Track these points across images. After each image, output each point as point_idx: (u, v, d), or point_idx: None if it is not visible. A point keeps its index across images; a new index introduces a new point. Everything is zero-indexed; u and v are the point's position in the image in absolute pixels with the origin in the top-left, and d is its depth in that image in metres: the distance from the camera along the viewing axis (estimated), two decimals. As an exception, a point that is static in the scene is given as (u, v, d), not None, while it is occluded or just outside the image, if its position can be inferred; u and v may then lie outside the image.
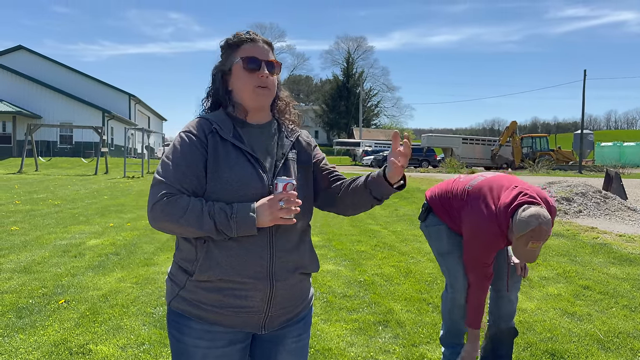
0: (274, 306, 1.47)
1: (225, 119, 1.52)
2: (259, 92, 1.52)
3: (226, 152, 1.45)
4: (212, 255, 1.42)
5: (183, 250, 1.48)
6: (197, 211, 1.36)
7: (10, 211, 8.86)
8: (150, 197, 1.40)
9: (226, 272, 1.42)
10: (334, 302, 4.02)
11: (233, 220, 1.36)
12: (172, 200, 1.37)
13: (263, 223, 1.39)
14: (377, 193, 1.52)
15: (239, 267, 1.42)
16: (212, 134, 1.47)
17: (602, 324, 3.67)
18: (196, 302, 1.45)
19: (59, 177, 18.03)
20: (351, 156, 44.98)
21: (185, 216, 1.35)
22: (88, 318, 3.60)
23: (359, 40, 75.39)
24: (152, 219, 1.39)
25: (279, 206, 1.38)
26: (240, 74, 1.51)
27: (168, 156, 1.46)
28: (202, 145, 1.45)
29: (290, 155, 1.57)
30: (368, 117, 70.87)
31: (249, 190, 1.43)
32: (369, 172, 1.60)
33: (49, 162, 25.28)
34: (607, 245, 6.43)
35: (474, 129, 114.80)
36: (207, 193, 1.44)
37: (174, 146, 1.47)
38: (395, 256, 5.69)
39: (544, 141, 33.45)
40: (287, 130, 1.62)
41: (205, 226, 1.35)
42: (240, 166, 1.45)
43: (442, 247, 2.85)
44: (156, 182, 1.42)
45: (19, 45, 35.30)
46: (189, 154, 1.43)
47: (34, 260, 5.22)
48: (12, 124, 30.59)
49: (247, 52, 1.52)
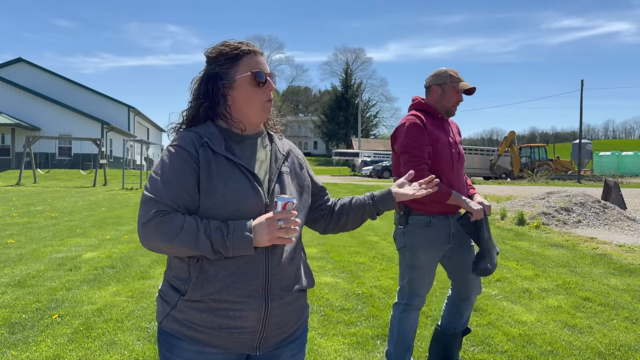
0: (269, 326, 1.42)
1: (214, 132, 1.47)
2: (266, 107, 1.49)
3: (219, 166, 1.40)
4: (205, 274, 1.37)
5: (174, 268, 1.43)
6: (193, 230, 1.30)
7: (7, 224, 8.81)
8: (140, 215, 1.34)
9: (220, 291, 1.36)
10: (332, 316, 3.97)
11: (229, 240, 1.31)
12: (166, 219, 1.31)
13: (260, 243, 1.34)
14: (382, 209, 1.67)
15: (234, 286, 1.37)
16: (204, 148, 1.41)
17: (603, 337, 3.62)
18: (188, 323, 1.39)
19: (57, 189, 17.98)
20: (350, 166, 44.98)
21: (180, 236, 1.29)
22: (82, 333, 3.54)
23: (357, 52, 75.92)
24: (143, 238, 1.33)
25: (277, 226, 1.33)
26: (247, 88, 1.46)
27: (157, 171, 1.39)
28: (193, 160, 1.39)
29: (284, 169, 1.54)
30: (367, 127, 71.05)
31: (245, 205, 1.39)
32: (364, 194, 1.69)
33: (48, 174, 25.23)
34: (607, 255, 6.39)
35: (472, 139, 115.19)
36: (200, 210, 1.38)
37: (162, 161, 1.42)
38: (394, 268, 5.64)
39: (542, 151, 33.49)
40: (278, 142, 1.60)
41: (201, 246, 1.30)
42: (234, 180, 1.40)
43: (417, 260, 2.73)
44: (146, 199, 1.35)
45: (18, 57, 35.44)
46: (180, 168, 1.38)
47: (28, 274, 5.17)
48: (10, 136, 30.61)
49: (253, 65, 1.47)
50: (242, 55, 1.48)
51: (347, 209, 1.69)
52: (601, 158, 38.48)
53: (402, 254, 2.81)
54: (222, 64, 1.48)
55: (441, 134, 2.75)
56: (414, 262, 2.74)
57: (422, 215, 2.70)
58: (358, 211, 1.68)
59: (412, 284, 2.76)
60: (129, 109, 38.47)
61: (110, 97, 37.78)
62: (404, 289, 2.80)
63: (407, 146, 2.65)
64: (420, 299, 2.79)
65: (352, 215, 1.69)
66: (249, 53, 1.48)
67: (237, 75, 1.47)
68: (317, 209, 1.71)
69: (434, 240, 2.73)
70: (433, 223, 2.70)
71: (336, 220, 1.71)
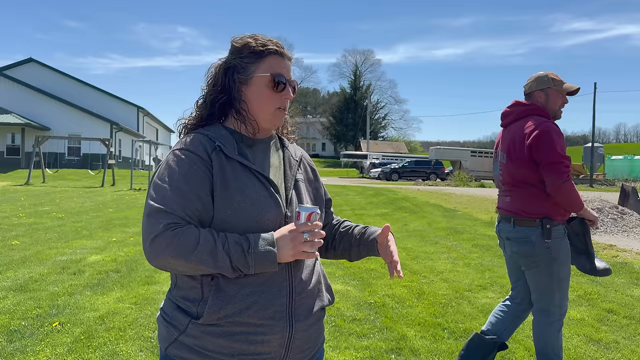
0: (292, 350, 1.27)
1: (226, 134, 1.31)
2: (278, 114, 1.33)
3: (234, 173, 1.24)
4: (223, 294, 1.20)
5: (183, 288, 1.26)
6: (210, 245, 1.14)
7: (13, 224, 8.72)
8: (147, 228, 1.16)
9: (240, 313, 1.20)
10: (343, 327, 3.79)
11: (251, 255, 1.15)
12: (179, 232, 1.14)
13: (284, 258, 1.19)
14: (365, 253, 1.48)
15: (256, 307, 1.21)
16: (216, 152, 1.25)
17: (631, 353, 3.41)
18: (201, 349, 1.22)
19: (65, 189, 17.95)
20: (358, 168, 44.77)
21: (196, 252, 1.12)
22: (82, 343, 3.39)
23: (366, 53, 75.70)
24: (153, 255, 1.15)
25: (302, 239, 1.18)
26: (264, 90, 1.31)
27: (163, 178, 1.21)
28: (205, 165, 1.23)
29: (299, 176, 1.40)
30: (375, 129, 70.78)
31: (264, 216, 1.24)
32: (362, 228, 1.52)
33: (56, 173, 25.28)
34: (627, 264, 6.15)
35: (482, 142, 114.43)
36: (214, 222, 1.22)
37: (169, 167, 1.24)
38: (406, 275, 5.44)
39: (553, 154, 33.01)
40: (290, 147, 1.45)
41: (220, 263, 1.14)
42: (252, 188, 1.24)
43: (565, 272, 2.67)
44: (153, 210, 1.17)
45: (29, 57, 35.66)
46: (191, 175, 1.21)
47: (31, 278, 5.04)
48: (20, 136, 30.76)
49: (275, 67, 1.32)
50: (268, 54, 1.32)
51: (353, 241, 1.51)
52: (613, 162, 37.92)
53: (549, 270, 2.63)
54: (244, 56, 1.32)
55: None
56: (563, 274, 2.66)
57: (559, 225, 2.63)
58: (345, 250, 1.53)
59: (564, 297, 2.69)
60: (138, 109, 38.56)
61: (120, 97, 37.93)
62: (560, 304, 2.68)
63: (560, 156, 2.52)
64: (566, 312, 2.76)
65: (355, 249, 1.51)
66: (275, 53, 1.33)
67: (256, 73, 1.31)
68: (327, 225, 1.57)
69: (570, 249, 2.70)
70: (566, 232, 2.68)
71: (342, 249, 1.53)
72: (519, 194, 2.68)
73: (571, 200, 2.54)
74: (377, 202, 13.78)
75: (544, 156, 2.51)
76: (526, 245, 2.63)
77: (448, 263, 6.13)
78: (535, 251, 2.61)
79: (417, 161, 35.48)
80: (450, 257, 6.51)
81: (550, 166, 2.50)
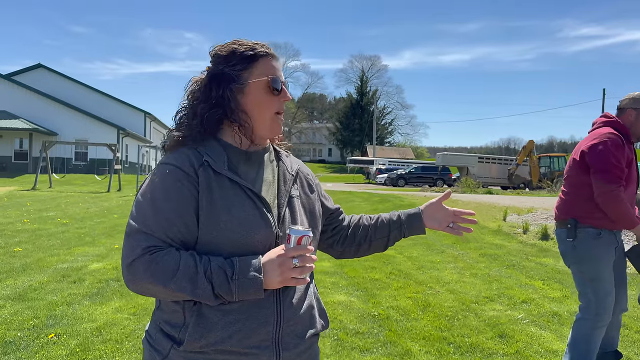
0: None
1: (216, 146, 1.22)
2: (277, 119, 1.25)
3: (222, 189, 1.16)
4: (205, 321, 1.12)
5: (166, 311, 1.18)
6: (190, 271, 1.06)
7: (16, 230, 8.69)
8: (125, 250, 1.10)
9: (223, 341, 1.12)
10: (346, 341, 3.68)
11: (234, 282, 1.08)
12: (158, 257, 1.07)
13: (271, 285, 1.11)
14: (408, 234, 1.48)
15: (240, 335, 1.13)
16: (204, 168, 1.16)
17: (645, 372, 3.28)
18: None
19: (71, 194, 17.97)
20: (365, 174, 44.63)
21: (175, 279, 1.06)
22: (77, 356, 3.31)
23: (373, 59, 75.58)
24: (130, 280, 1.08)
25: (292, 265, 1.10)
26: (262, 96, 1.23)
27: (146, 195, 1.14)
28: (191, 182, 1.15)
29: (294, 192, 1.30)
30: (382, 135, 70.59)
31: (253, 237, 1.15)
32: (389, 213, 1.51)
33: (63, 178, 25.36)
34: (638, 275, 5.99)
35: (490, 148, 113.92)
36: (199, 243, 1.14)
37: (152, 183, 1.16)
38: (411, 286, 5.33)
39: (562, 161, 32.72)
40: (286, 160, 1.35)
41: (200, 290, 1.07)
42: (240, 206, 1.16)
43: (597, 272, 2.71)
44: (132, 230, 1.11)
45: (38, 63, 35.93)
46: (175, 193, 1.13)
47: (30, 286, 4.97)
48: (28, 141, 30.93)
49: (269, 69, 1.24)
50: (259, 57, 1.24)
51: (370, 233, 1.47)
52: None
53: (578, 268, 2.80)
54: (234, 64, 1.23)
55: (633, 157, 2.76)
56: (593, 274, 2.74)
57: (590, 227, 2.74)
58: (382, 237, 1.47)
59: (598, 296, 2.73)
60: (145, 114, 38.71)
61: (127, 102, 38.08)
62: (591, 303, 2.75)
63: (609, 164, 2.62)
64: (609, 314, 2.76)
65: (375, 242, 1.48)
66: (266, 56, 1.25)
67: (251, 79, 1.23)
68: (332, 232, 1.48)
69: (605, 250, 2.75)
70: (602, 235, 2.73)
71: (357, 246, 1.48)
72: (563, 197, 2.91)
73: (619, 213, 2.63)
74: (383, 209, 13.65)
75: (595, 161, 2.66)
76: (560, 245, 2.90)
77: (454, 273, 6.01)
78: (564, 251, 2.86)
79: (423, 167, 35.29)
80: (457, 267, 6.39)
81: (598, 172, 2.64)
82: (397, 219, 1.48)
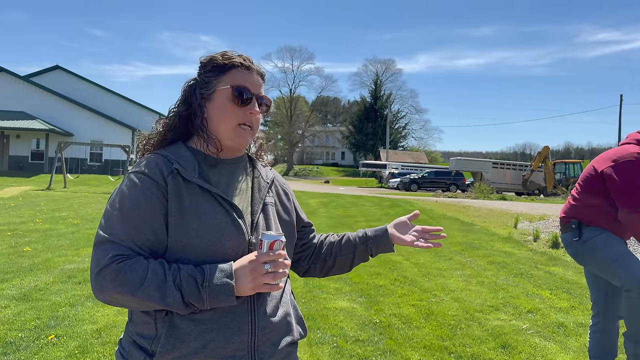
0: None
1: (187, 155, 1.22)
2: (240, 131, 1.23)
3: (192, 197, 1.15)
4: (177, 331, 1.11)
5: (138, 323, 1.17)
6: (159, 279, 1.05)
7: (28, 230, 8.81)
8: (93, 260, 1.09)
9: (196, 352, 1.11)
10: (345, 348, 3.64)
11: (205, 289, 1.06)
12: (125, 266, 1.06)
13: (243, 291, 1.09)
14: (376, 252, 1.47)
15: (213, 345, 1.11)
16: (173, 175, 1.16)
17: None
18: None
19: (85, 194, 18.20)
20: (377, 178, 44.49)
21: (143, 287, 1.04)
22: (76, 357, 3.32)
23: (387, 63, 75.27)
24: (98, 290, 1.07)
25: (263, 270, 1.08)
26: (224, 104, 1.22)
27: (114, 204, 1.14)
28: (160, 190, 1.14)
29: (268, 199, 1.30)
30: (395, 139, 70.29)
31: (224, 244, 1.14)
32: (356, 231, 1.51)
33: (77, 179, 25.73)
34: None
35: (505, 153, 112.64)
36: (169, 252, 1.13)
37: (121, 192, 1.16)
38: (416, 293, 5.27)
39: (577, 167, 32.24)
40: (261, 169, 1.35)
41: (169, 299, 1.05)
42: (210, 213, 1.15)
43: (614, 251, 2.69)
44: (100, 240, 1.10)
45: (56, 65, 36.57)
46: (144, 201, 1.13)
47: (36, 287, 5.02)
48: (45, 141, 31.45)
49: (238, 80, 1.23)
50: (232, 68, 1.24)
51: (335, 249, 1.47)
52: None
53: (595, 259, 2.78)
54: (207, 71, 1.25)
55: None
56: (611, 254, 2.70)
57: (595, 227, 2.78)
58: (347, 254, 1.47)
59: (629, 269, 2.63)
60: (160, 116, 38.98)
61: (142, 104, 38.52)
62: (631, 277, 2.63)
63: (635, 186, 2.62)
64: None
65: (340, 258, 1.47)
66: (240, 67, 1.25)
67: (218, 87, 1.23)
68: (301, 248, 1.47)
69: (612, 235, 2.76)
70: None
71: (322, 263, 1.48)
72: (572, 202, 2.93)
73: None
74: (393, 214, 13.57)
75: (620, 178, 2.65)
76: (569, 249, 2.90)
77: (461, 281, 5.93)
78: (574, 253, 2.86)
79: (437, 172, 35.02)
80: (464, 274, 6.30)
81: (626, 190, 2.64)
82: (363, 235, 1.48)
